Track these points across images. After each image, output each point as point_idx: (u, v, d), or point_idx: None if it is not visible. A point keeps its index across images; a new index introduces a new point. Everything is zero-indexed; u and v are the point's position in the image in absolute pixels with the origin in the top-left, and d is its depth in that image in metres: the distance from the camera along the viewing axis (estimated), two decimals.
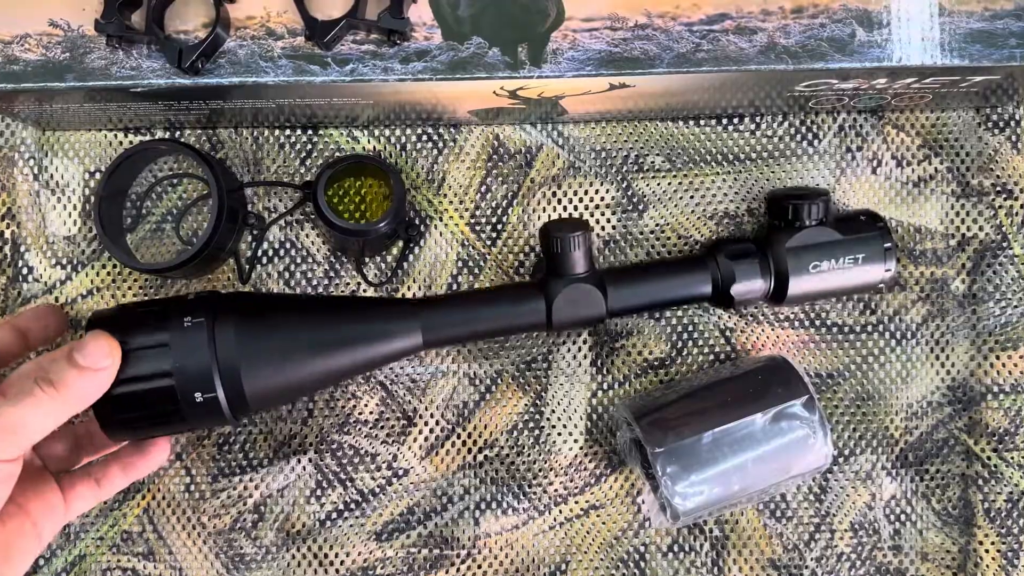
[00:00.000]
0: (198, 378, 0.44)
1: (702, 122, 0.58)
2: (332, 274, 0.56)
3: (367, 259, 0.57)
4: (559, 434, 0.56)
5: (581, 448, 0.57)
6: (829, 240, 0.52)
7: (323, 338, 0.47)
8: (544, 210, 0.57)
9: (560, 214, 0.57)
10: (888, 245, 0.53)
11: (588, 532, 0.57)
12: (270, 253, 0.56)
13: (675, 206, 0.57)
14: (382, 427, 0.56)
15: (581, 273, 0.50)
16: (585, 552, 0.57)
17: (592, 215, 0.57)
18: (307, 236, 0.56)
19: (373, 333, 0.48)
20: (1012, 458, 0.56)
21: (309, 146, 0.57)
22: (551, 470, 0.56)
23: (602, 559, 0.57)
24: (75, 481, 0.46)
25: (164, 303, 0.46)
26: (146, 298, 0.55)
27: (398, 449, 0.56)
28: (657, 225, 0.57)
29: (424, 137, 0.57)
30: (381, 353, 0.49)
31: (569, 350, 0.57)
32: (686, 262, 0.53)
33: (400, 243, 0.57)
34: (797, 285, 0.52)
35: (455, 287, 0.57)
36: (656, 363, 0.57)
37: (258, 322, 0.46)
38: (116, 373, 0.42)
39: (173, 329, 0.44)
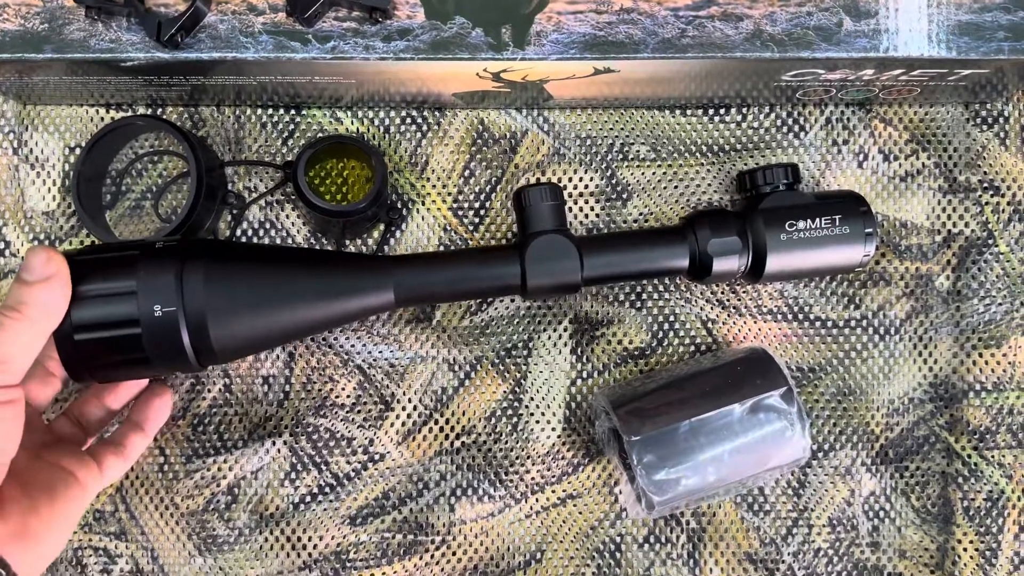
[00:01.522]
0: (163, 321, 0.43)
1: (688, 112, 0.57)
2: None
3: (348, 241, 0.56)
4: (537, 422, 0.56)
5: (559, 437, 0.56)
6: (803, 202, 0.52)
7: (293, 288, 0.46)
8: None
9: None
10: (865, 208, 0.52)
11: (564, 521, 0.56)
12: (249, 233, 0.56)
13: (659, 196, 0.57)
14: (359, 411, 0.56)
15: (553, 227, 0.50)
16: (561, 541, 0.56)
17: (576, 203, 0.57)
18: (287, 217, 0.56)
19: (345, 287, 0.48)
20: (992, 456, 0.56)
21: (291, 126, 0.56)
22: (528, 458, 0.56)
23: (577, 549, 0.56)
24: (101, 451, 0.48)
25: (133, 245, 0.45)
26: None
27: (374, 433, 0.56)
28: (640, 214, 0.57)
29: (408, 120, 0.57)
30: (351, 308, 0.48)
31: (550, 337, 0.56)
32: (664, 229, 0.53)
33: (381, 226, 0.56)
34: (775, 250, 0.51)
35: None
36: (636, 353, 0.57)
37: (228, 268, 0.45)
38: (69, 278, 0.42)
39: (140, 271, 0.43)
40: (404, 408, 0.56)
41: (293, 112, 0.56)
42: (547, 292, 0.50)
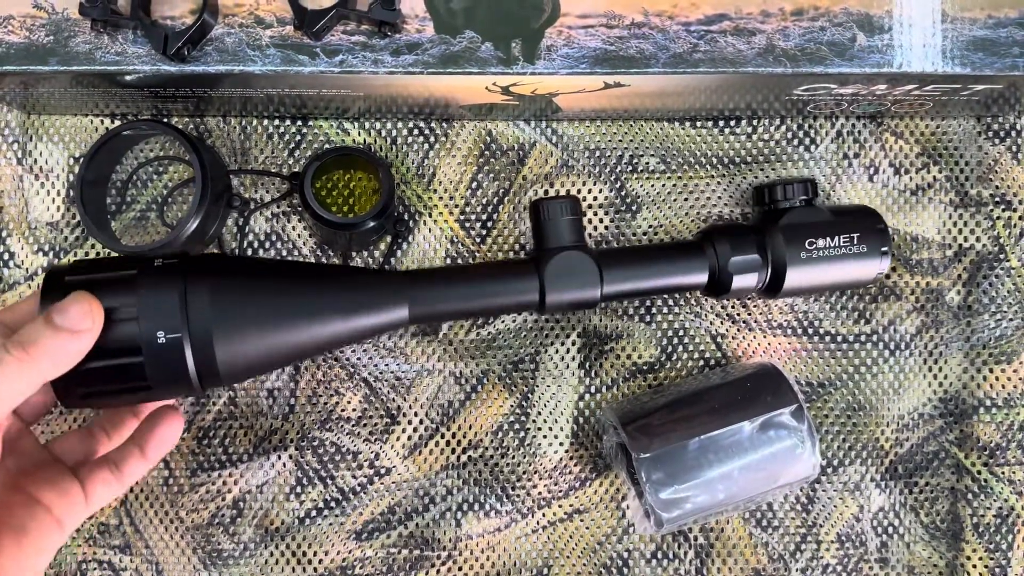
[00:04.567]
0: (166, 344, 0.40)
1: (698, 123, 0.57)
2: None
3: (354, 254, 0.56)
4: (544, 436, 0.56)
5: (567, 451, 0.56)
6: (821, 219, 0.51)
7: (303, 306, 0.44)
8: None
9: None
10: (881, 226, 0.52)
11: (571, 536, 0.56)
12: (256, 244, 0.55)
13: (668, 208, 0.56)
14: (365, 425, 0.55)
15: (572, 243, 0.49)
16: (568, 557, 0.56)
17: (585, 215, 0.56)
18: (293, 228, 0.55)
19: (357, 304, 0.46)
20: (1002, 473, 0.56)
21: (298, 137, 0.56)
22: (535, 473, 0.56)
23: (585, 564, 0.56)
24: (93, 472, 0.44)
25: (134, 260, 0.43)
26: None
27: (380, 447, 0.55)
28: (650, 227, 0.56)
29: (415, 131, 0.56)
30: (365, 326, 0.46)
31: (557, 351, 0.56)
32: (682, 244, 0.52)
33: (388, 238, 0.56)
34: (794, 267, 0.51)
35: None
36: (645, 367, 0.56)
37: (235, 285, 0.43)
38: (98, 335, 0.39)
39: (142, 288, 0.41)
40: (410, 422, 0.55)
41: (300, 123, 0.56)
42: (565, 309, 0.50)
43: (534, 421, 0.56)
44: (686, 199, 0.56)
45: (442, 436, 0.56)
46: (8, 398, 0.37)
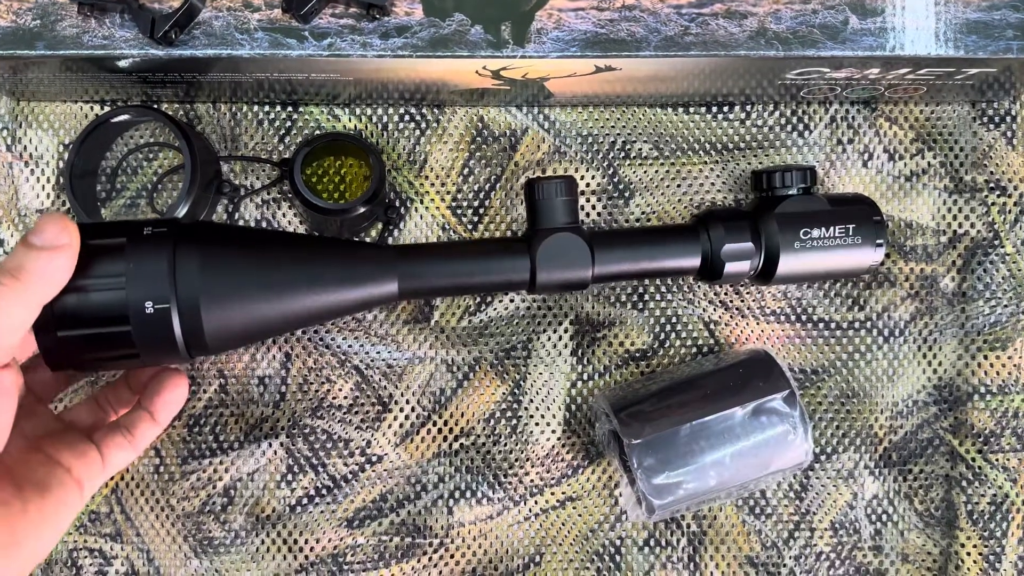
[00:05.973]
0: (154, 310, 0.40)
1: (691, 109, 0.57)
2: None
3: None
4: (537, 424, 0.55)
5: (559, 439, 0.56)
6: (818, 208, 0.51)
7: (293, 276, 0.44)
8: None
9: None
10: (878, 218, 0.51)
11: (564, 524, 0.56)
12: None
13: (661, 194, 0.56)
14: (356, 412, 0.55)
15: (566, 223, 0.48)
16: (560, 544, 0.56)
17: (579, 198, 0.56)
18: (284, 215, 0.55)
19: (347, 276, 0.46)
20: (997, 460, 0.55)
21: (288, 123, 0.55)
22: (528, 460, 0.55)
23: (577, 551, 0.56)
24: (107, 437, 0.45)
25: (124, 224, 0.42)
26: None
27: (372, 435, 0.55)
28: (643, 213, 0.56)
29: (406, 117, 0.56)
30: (353, 299, 0.46)
31: (549, 339, 0.56)
32: (676, 228, 0.52)
33: (379, 225, 0.56)
34: (787, 256, 0.50)
35: None
36: (638, 354, 0.56)
37: (224, 252, 0.43)
38: (78, 251, 0.39)
39: (131, 252, 0.41)
40: (402, 409, 0.55)
41: (290, 109, 0.55)
42: (556, 289, 0.50)
43: (526, 408, 0.56)
44: (679, 185, 0.56)
45: (434, 424, 0.55)
46: (12, 325, 0.37)
